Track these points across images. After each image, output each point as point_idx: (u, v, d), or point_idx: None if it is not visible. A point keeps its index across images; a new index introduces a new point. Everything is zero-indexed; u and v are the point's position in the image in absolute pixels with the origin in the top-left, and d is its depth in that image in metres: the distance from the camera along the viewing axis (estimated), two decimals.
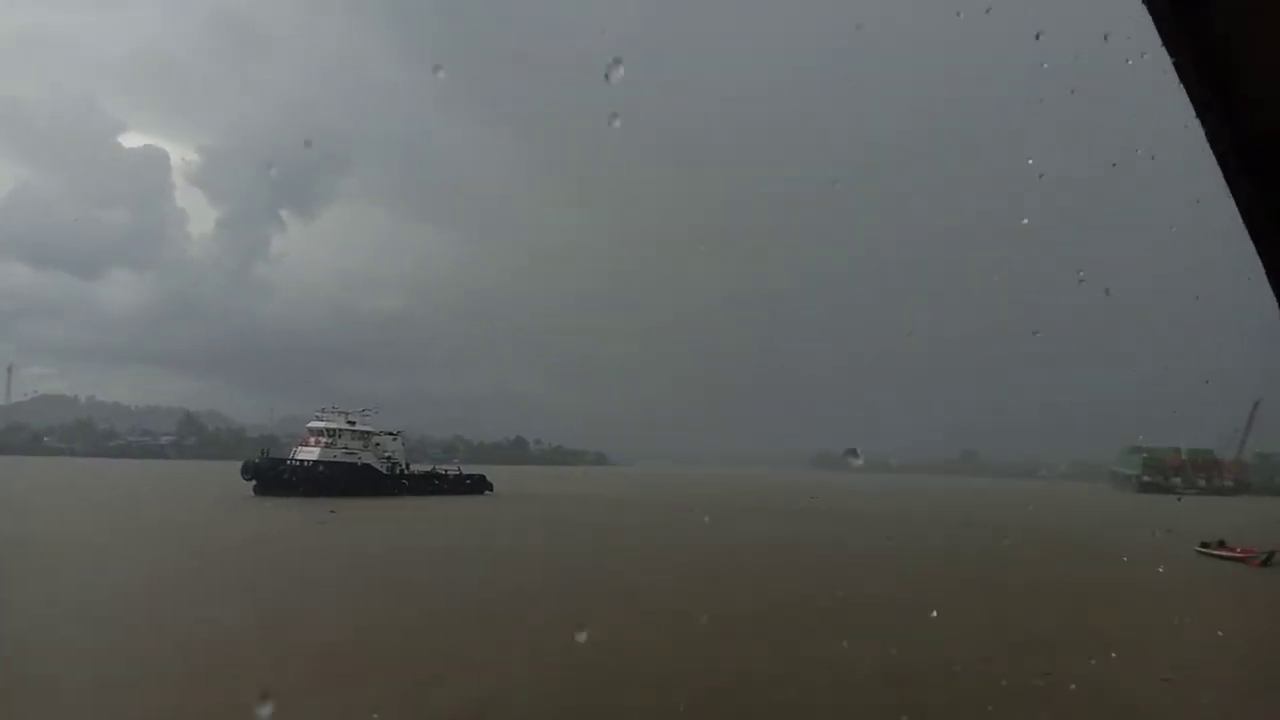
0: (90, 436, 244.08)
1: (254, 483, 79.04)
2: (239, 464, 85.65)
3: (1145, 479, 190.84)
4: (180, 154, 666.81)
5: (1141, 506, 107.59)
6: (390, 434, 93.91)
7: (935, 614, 24.48)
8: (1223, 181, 2.06)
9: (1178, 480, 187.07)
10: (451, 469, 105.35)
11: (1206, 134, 1.84)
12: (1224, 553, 47.60)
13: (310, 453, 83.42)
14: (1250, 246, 2.34)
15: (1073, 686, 17.06)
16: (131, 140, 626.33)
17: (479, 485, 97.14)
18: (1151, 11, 1.55)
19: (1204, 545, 49.44)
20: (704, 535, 53.84)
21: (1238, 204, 2.13)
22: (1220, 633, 25.05)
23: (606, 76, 8.74)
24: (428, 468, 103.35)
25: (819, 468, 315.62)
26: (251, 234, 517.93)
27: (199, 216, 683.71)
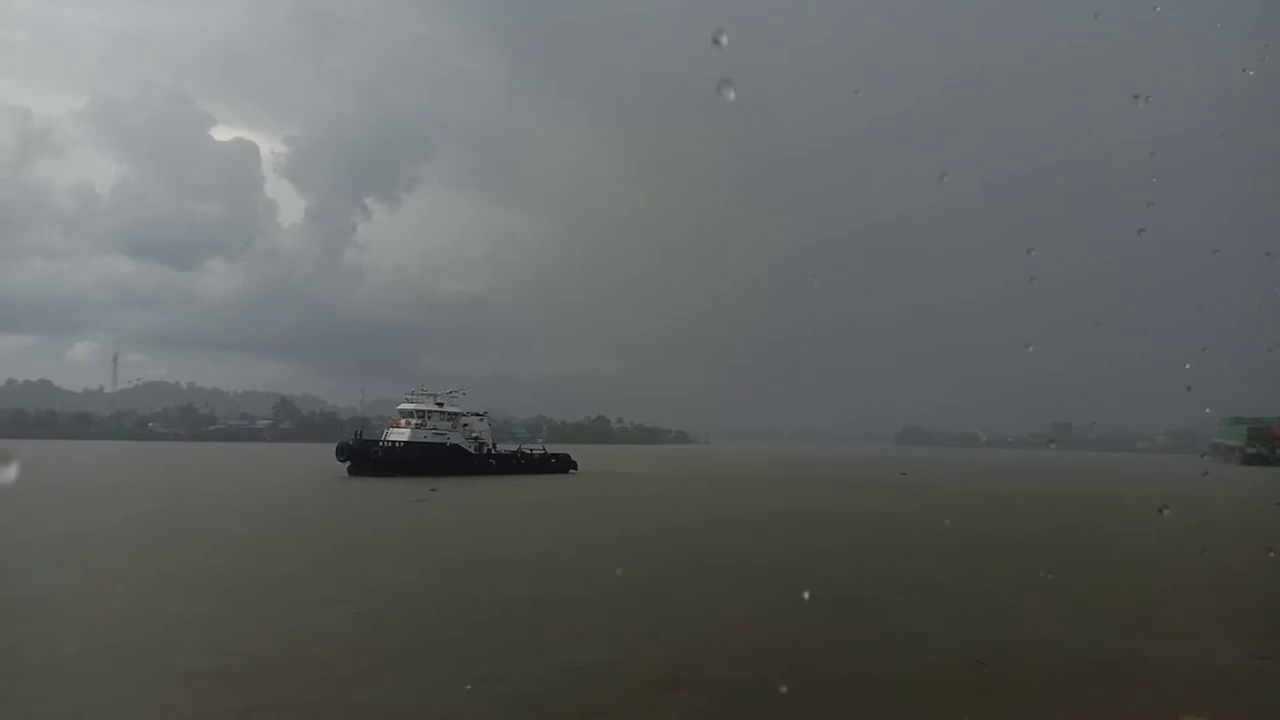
0: (192, 421, 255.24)
1: (348, 464, 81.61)
2: (333, 446, 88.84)
3: (1249, 450, 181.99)
4: (269, 146, 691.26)
5: (1243, 478, 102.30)
6: (477, 415, 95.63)
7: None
8: None
9: None
10: (536, 448, 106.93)
11: None
12: None
13: (401, 434, 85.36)
14: None
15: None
16: (222, 134, 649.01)
17: (564, 464, 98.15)
18: None
19: None
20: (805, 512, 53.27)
21: None
22: None
23: (715, 41, 8.73)
24: (513, 448, 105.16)
25: (903, 443, 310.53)
26: (339, 222, 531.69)
27: (288, 206, 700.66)
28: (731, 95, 8.47)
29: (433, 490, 59.99)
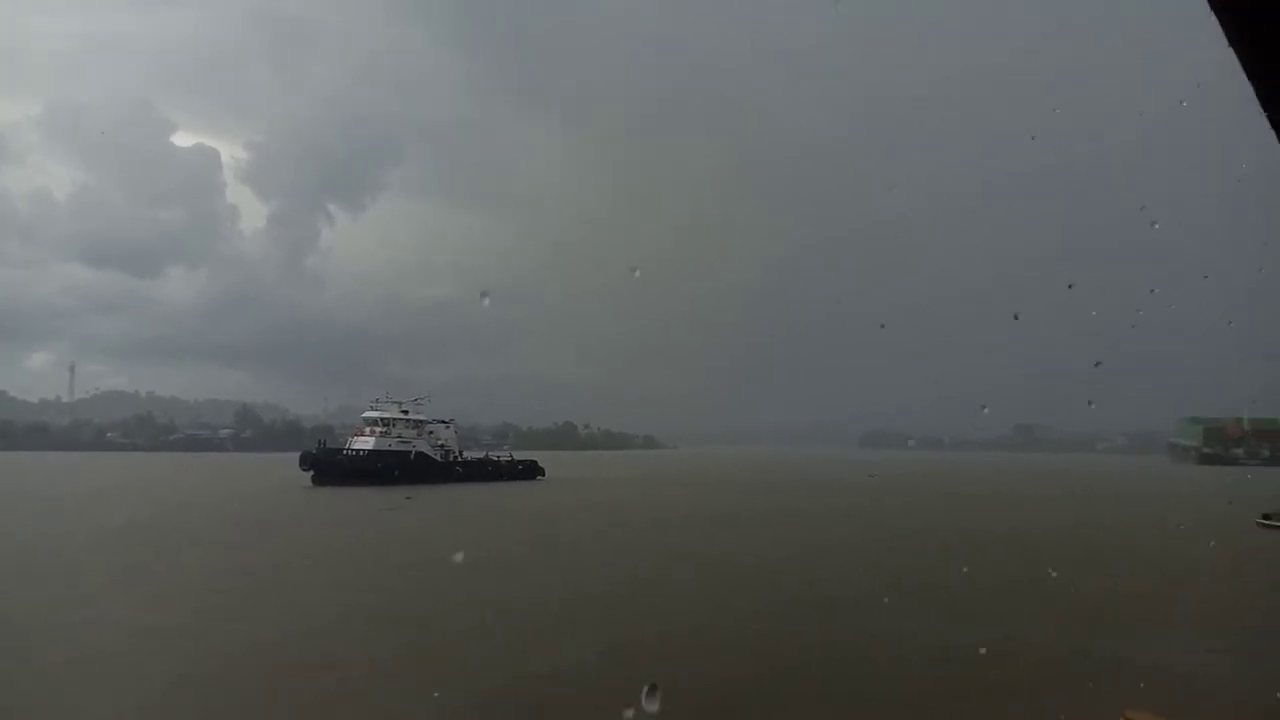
0: (151, 431, 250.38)
1: (312, 473, 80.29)
2: (296, 455, 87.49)
3: (1205, 450, 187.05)
4: (230, 152, 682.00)
5: (1199, 478, 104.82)
6: (443, 422, 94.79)
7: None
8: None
9: (1239, 451, 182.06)
10: (504, 455, 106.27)
11: (1259, 100, 1.75)
12: None
13: (365, 442, 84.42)
14: None
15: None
16: (183, 140, 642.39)
17: (531, 471, 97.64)
18: (1219, 19, 1.48)
19: (1266, 517, 47.59)
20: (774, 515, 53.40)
21: None
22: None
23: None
24: (480, 454, 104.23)
25: (867, 447, 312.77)
26: (301, 228, 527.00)
27: (250, 212, 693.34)
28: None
29: (408, 498, 59.43)
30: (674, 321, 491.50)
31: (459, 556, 32.27)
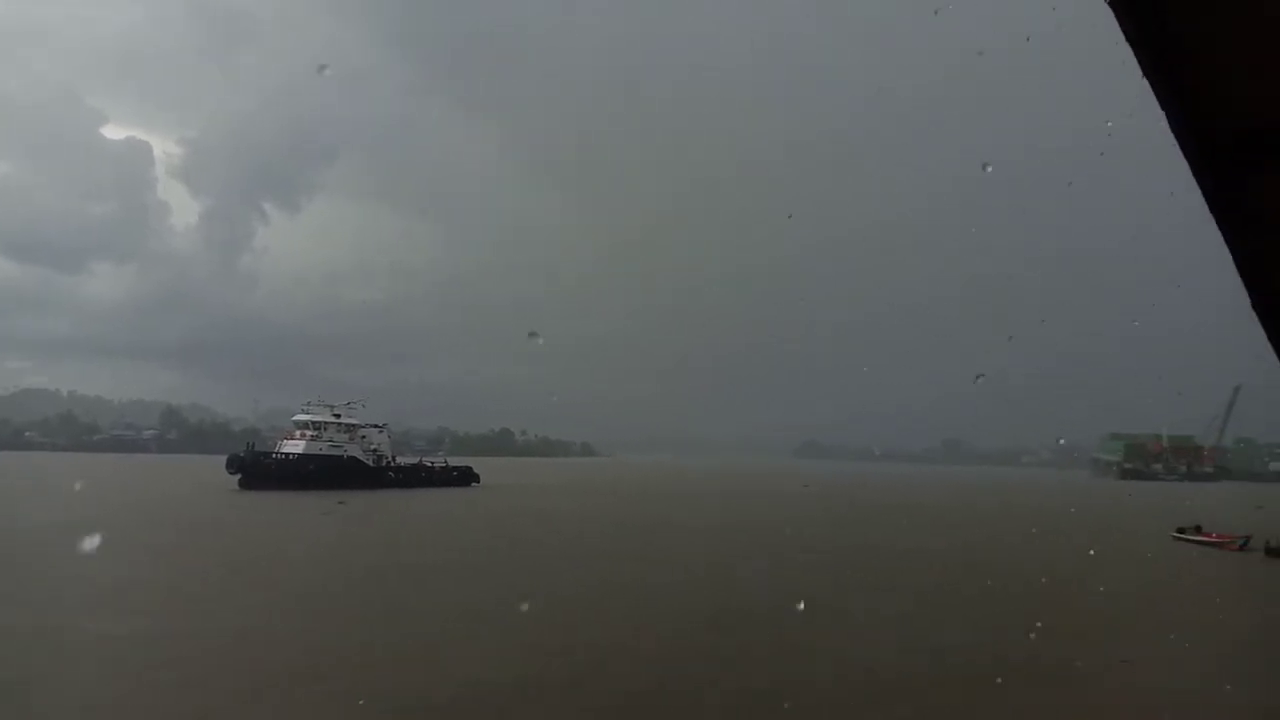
0: (72, 430, 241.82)
1: (239, 476, 78.84)
2: (223, 458, 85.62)
3: (1126, 465, 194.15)
4: (163, 146, 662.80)
5: (1120, 492, 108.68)
6: (376, 426, 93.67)
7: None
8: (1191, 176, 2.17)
9: (1158, 466, 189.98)
10: (438, 461, 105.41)
11: (1173, 131, 1.91)
12: (1200, 538, 48.04)
13: (296, 446, 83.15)
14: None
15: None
16: (113, 132, 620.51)
17: (466, 477, 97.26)
18: (1116, 16, 1.57)
19: (1179, 530, 49.93)
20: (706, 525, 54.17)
21: (1205, 198, 2.20)
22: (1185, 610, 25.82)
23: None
24: (414, 460, 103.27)
25: (803, 457, 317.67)
26: (235, 226, 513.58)
27: (182, 209, 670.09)
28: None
29: (341, 503, 58.86)
30: (614, 331, 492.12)
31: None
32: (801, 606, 23.98)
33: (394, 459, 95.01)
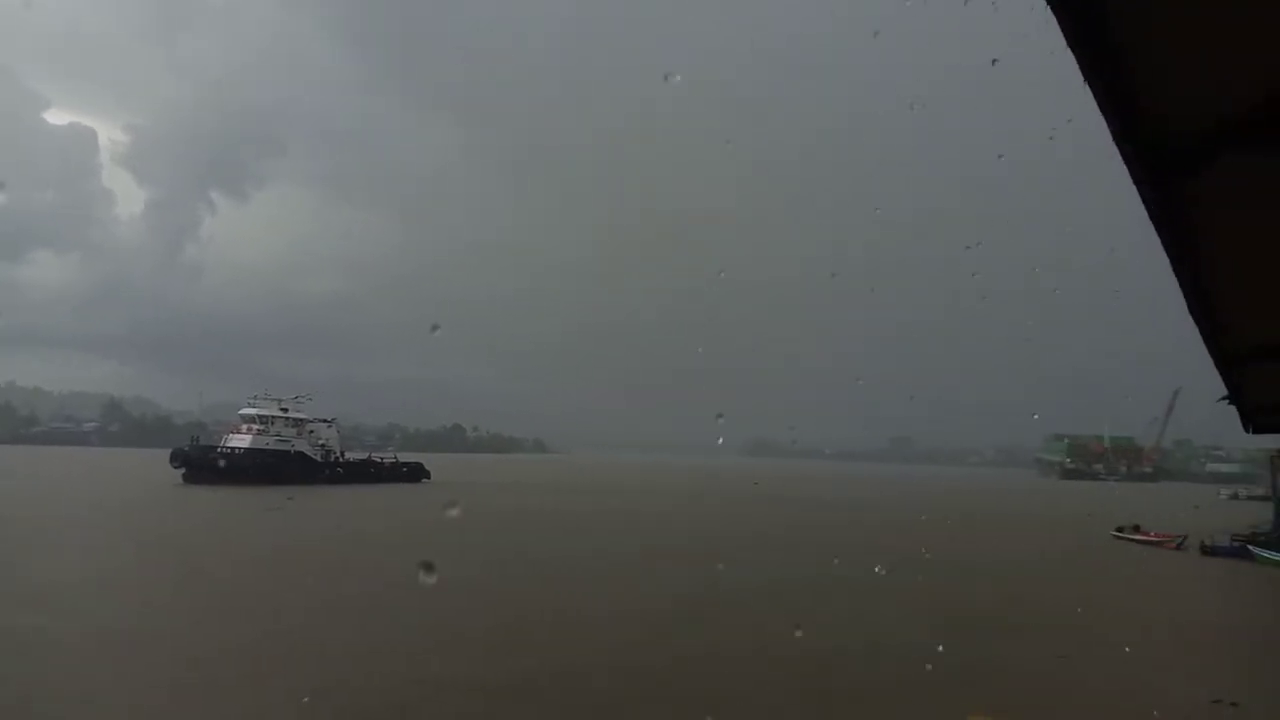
0: (10, 423, 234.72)
1: (183, 471, 77.84)
2: (166, 452, 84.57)
3: (1069, 465, 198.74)
4: (108, 133, 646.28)
5: (1063, 492, 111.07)
6: (324, 421, 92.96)
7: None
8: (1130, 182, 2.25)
9: (1100, 467, 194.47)
10: (388, 457, 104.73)
11: (1113, 136, 1.96)
12: (1139, 537, 49.84)
13: (241, 440, 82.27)
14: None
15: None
16: (56, 118, 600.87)
17: (416, 473, 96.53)
18: (1057, 19, 1.63)
19: (1119, 530, 51.72)
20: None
21: (1144, 203, 2.25)
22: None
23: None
24: (363, 455, 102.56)
25: (753, 455, 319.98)
26: (181, 216, 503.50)
27: (127, 197, 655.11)
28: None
29: (290, 499, 58.44)
30: (571, 330, 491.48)
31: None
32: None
33: (343, 454, 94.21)
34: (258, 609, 23.43)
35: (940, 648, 19.31)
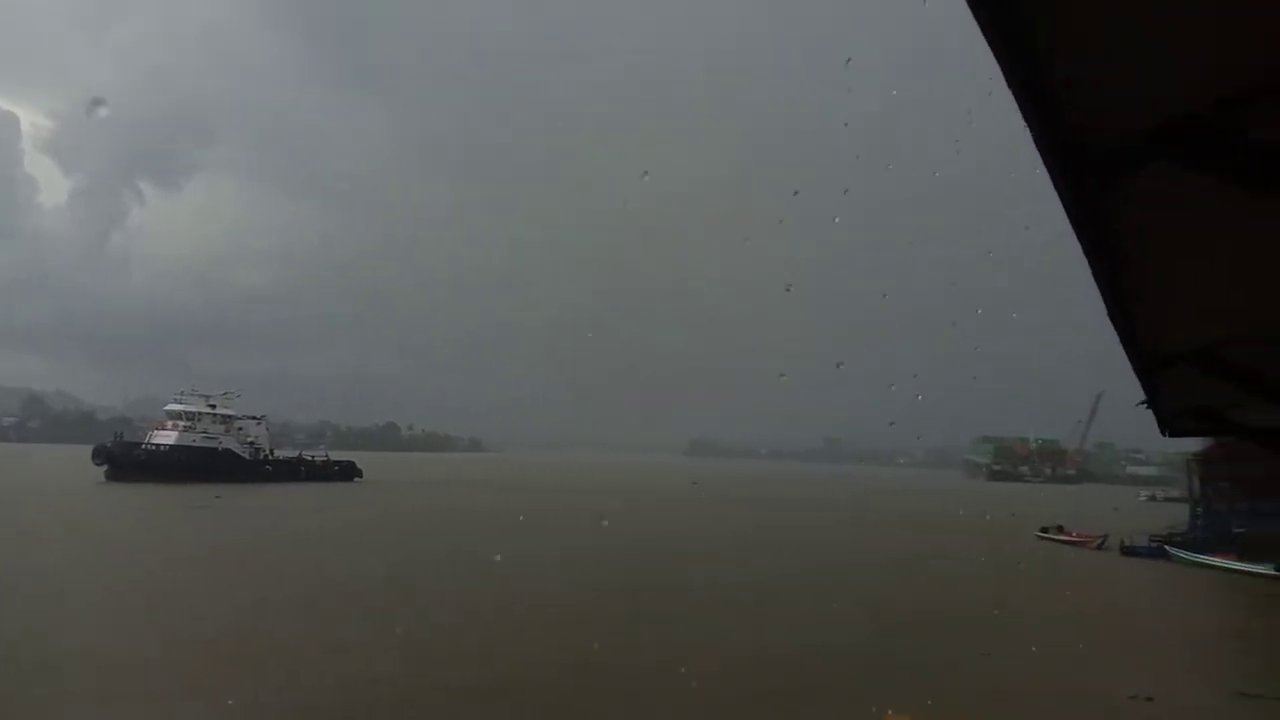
0: None
1: (105, 467, 76.33)
2: (89, 448, 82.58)
3: (995, 467, 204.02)
4: (31, 118, 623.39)
5: (989, 493, 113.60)
6: (254, 418, 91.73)
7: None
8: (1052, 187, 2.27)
9: (1025, 469, 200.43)
10: (319, 455, 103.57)
11: (1034, 140, 1.97)
12: (1062, 537, 51.99)
13: (167, 437, 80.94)
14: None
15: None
16: None
17: (347, 472, 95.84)
18: (981, 28, 1.62)
19: (1043, 530, 53.72)
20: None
21: (1064, 207, 2.25)
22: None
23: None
24: (293, 453, 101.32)
25: (692, 455, 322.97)
26: (108, 205, 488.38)
27: (51, 185, 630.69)
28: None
29: (217, 497, 57.80)
30: (507, 329, 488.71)
31: None
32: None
33: (272, 452, 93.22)
34: (180, 612, 23.15)
35: (866, 646, 20.33)
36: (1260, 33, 1.58)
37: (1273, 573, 37.19)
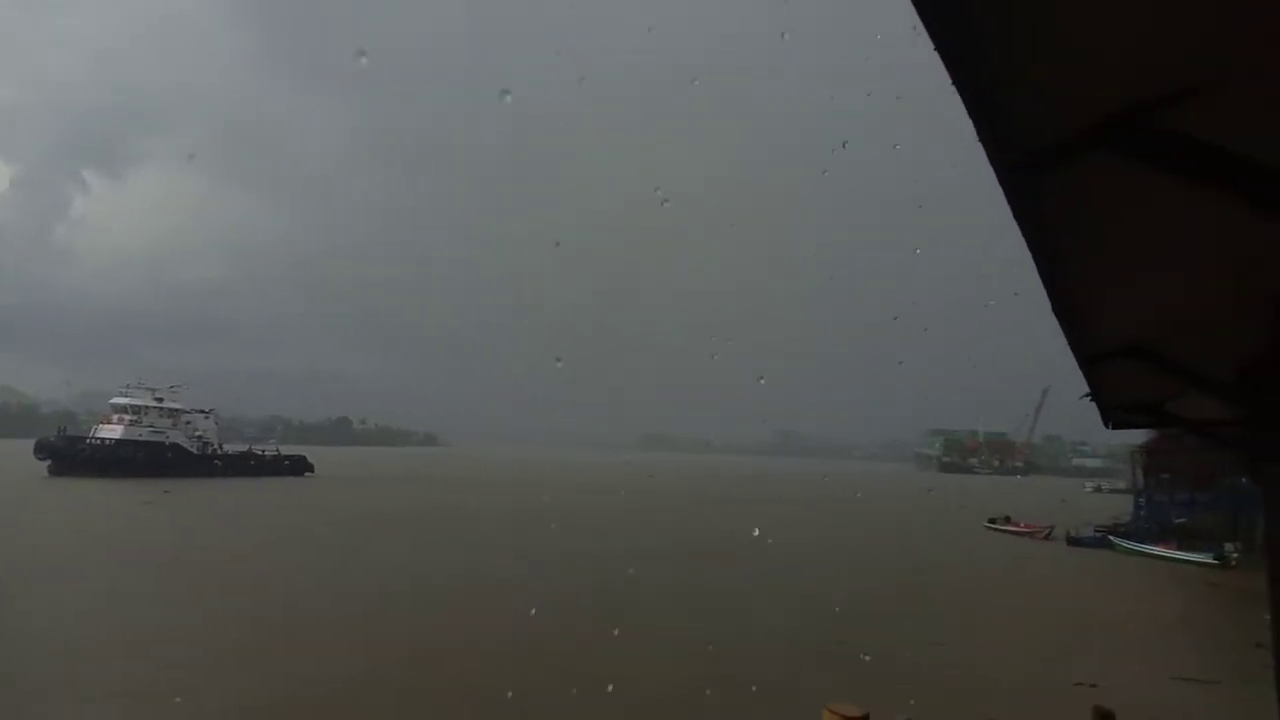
0: None
1: (49, 462, 74.96)
2: (30, 442, 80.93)
3: (945, 459, 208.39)
4: None
5: (940, 485, 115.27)
6: (202, 412, 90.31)
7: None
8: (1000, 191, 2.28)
9: (975, 461, 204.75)
10: (269, 449, 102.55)
11: (978, 133, 1.96)
12: (1010, 528, 53.51)
13: (113, 431, 79.50)
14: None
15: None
16: None
17: (298, 466, 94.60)
18: (924, 23, 1.59)
19: (991, 521, 55.30)
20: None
21: (1008, 202, 2.23)
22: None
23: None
24: (243, 448, 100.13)
25: (646, 449, 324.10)
26: (50, 194, 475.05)
27: None
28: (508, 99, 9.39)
29: (166, 492, 57.25)
30: (463, 324, 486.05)
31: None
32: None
33: (221, 447, 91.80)
34: (121, 612, 22.75)
35: (814, 637, 20.42)
36: (1196, 32, 1.63)
37: (1211, 561, 38.62)
